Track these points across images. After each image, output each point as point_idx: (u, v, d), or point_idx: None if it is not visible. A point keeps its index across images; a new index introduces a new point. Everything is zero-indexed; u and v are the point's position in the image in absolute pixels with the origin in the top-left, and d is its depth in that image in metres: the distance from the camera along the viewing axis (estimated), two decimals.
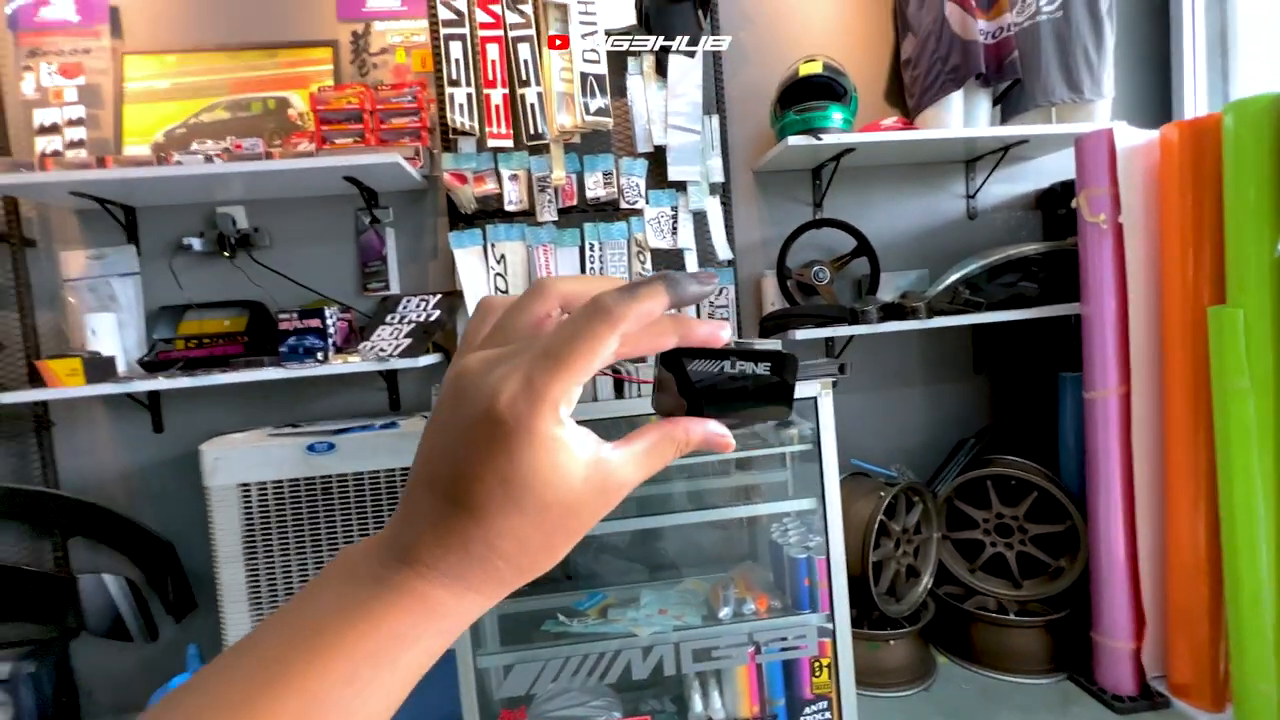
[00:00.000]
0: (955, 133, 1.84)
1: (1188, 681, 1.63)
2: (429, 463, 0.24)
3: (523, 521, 0.24)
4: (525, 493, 0.23)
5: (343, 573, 0.25)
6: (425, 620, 0.24)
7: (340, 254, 1.96)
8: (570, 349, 0.23)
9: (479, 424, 0.23)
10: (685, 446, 0.27)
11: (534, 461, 0.23)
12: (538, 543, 0.24)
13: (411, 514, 0.24)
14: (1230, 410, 1.44)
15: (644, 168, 1.93)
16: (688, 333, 0.27)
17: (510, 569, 0.24)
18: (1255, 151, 1.37)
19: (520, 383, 0.23)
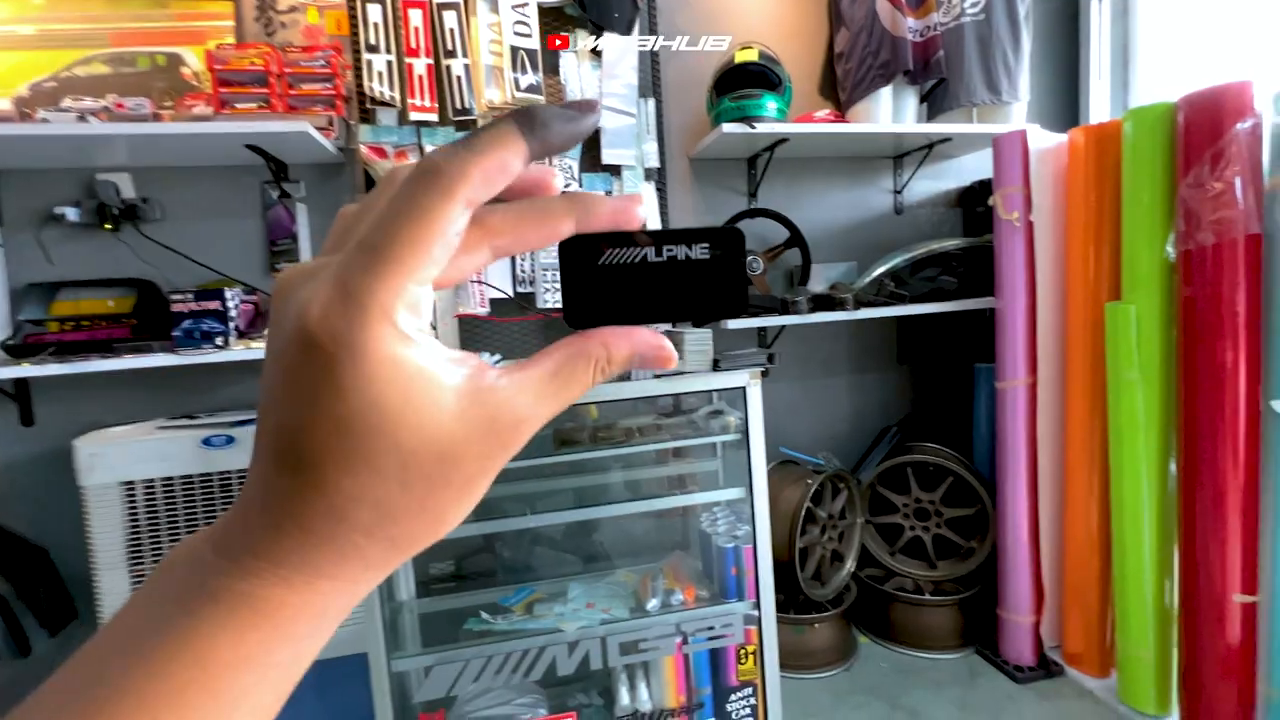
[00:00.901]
0: (884, 127, 1.88)
1: (1079, 650, 1.76)
2: (259, 420, 0.19)
3: (375, 478, 0.18)
4: (369, 438, 0.17)
5: (163, 581, 0.19)
6: (256, 633, 0.18)
7: (245, 230, 1.80)
8: (391, 232, 0.17)
9: (292, 352, 0.17)
10: (607, 365, 0.21)
11: (372, 394, 0.17)
12: (407, 505, 0.19)
13: (245, 494, 0.19)
14: (1122, 400, 1.54)
15: (577, 149, 1.87)
16: (587, 212, 0.20)
17: (375, 544, 0.19)
18: (1150, 156, 1.46)
19: (332, 289, 0.17)
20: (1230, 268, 1.34)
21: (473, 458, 0.19)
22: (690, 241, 0.21)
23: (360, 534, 0.18)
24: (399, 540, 0.19)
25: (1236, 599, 1.39)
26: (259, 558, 0.18)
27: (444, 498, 0.19)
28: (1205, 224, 1.34)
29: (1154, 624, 1.55)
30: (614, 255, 0.21)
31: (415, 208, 0.17)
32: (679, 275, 0.21)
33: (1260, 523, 1.39)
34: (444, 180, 0.18)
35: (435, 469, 0.18)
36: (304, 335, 0.17)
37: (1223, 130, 1.31)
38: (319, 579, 0.19)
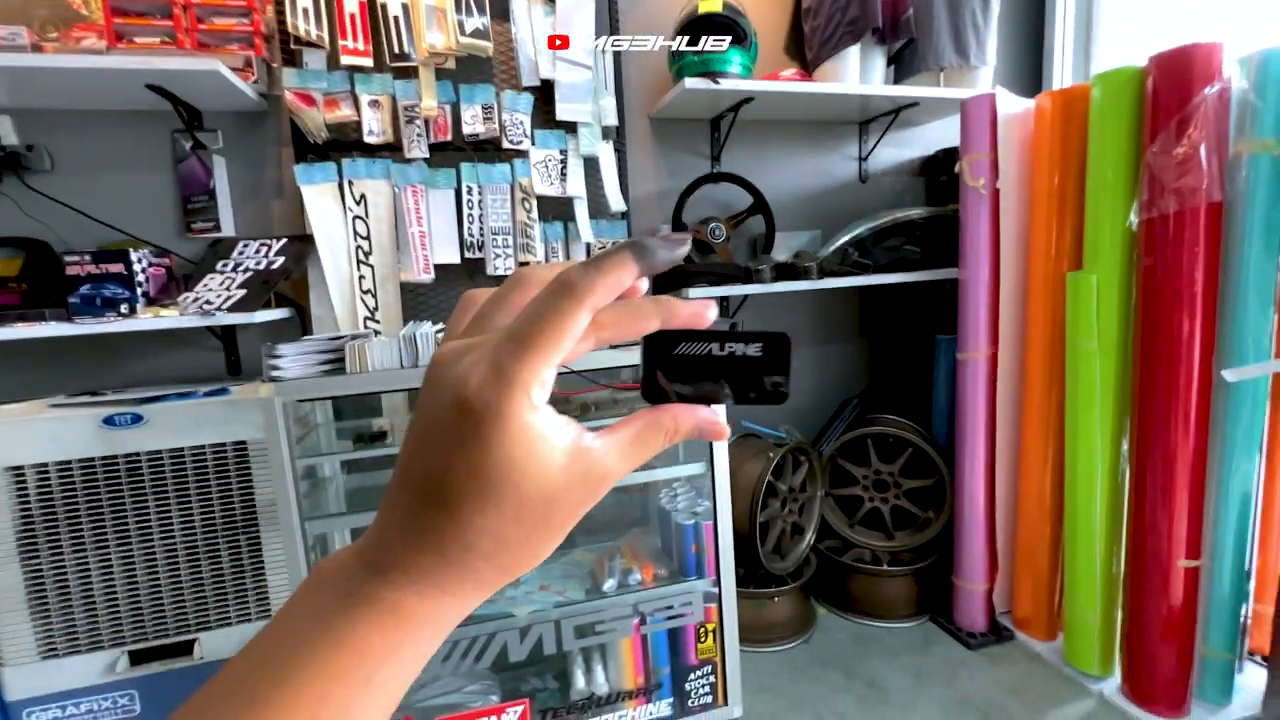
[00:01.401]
0: (851, 88, 1.80)
1: (1028, 615, 1.80)
2: (406, 461, 0.23)
3: (499, 517, 0.22)
4: (500, 485, 0.22)
5: (313, 588, 0.24)
6: (397, 633, 0.23)
7: (153, 185, 1.61)
8: (536, 328, 0.22)
9: (448, 413, 0.22)
10: (674, 435, 0.26)
11: (507, 450, 0.22)
12: (517, 539, 0.23)
13: (387, 518, 0.24)
14: (1080, 371, 1.54)
15: (529, 103, 1.73)
16: (670, 314, 0.25)
17: (491, 568, 0.23)
18: (1117, 121, 1.43)
19: (488, 367, 0.22)
20: (1191, 236, 1.33)
21: (569, 502, 0.23)
22: (748, 342, 0.26)
23: (481, 560, 0.23)
24: (508, 566, 0.23)
25: (1181, 564, 1.42)
26: (401, 573, 0.23)
27: (544, 534, 0.23)
28: (1168, 191, 1.32)
29: (1101, 589, 1.59)
30: (687, 348, 0.26)
31: (555, 311, 0.22)
32: (736, 367, 0.26)
33: (1206, 490, 1.42)
34: (576, 291, 0.22)
35: (542, 510, 0.23)
36: (461, 400, 0.22)
37: (1191, 94, 1.29)
38: (443, 594, 0.23)
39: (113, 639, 1.34)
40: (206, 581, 1.38)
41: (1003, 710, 1.54)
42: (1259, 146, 1.29)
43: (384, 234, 1.68)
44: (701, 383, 0.26)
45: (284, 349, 1.15)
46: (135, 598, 1.34)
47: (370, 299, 1.68)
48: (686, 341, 0.25)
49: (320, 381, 1.16)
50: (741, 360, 0.26)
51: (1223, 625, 1.46)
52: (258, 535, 1.40)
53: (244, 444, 1.36)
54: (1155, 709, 1.48)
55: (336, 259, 1.65)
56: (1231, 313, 1.36)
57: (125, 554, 1.32)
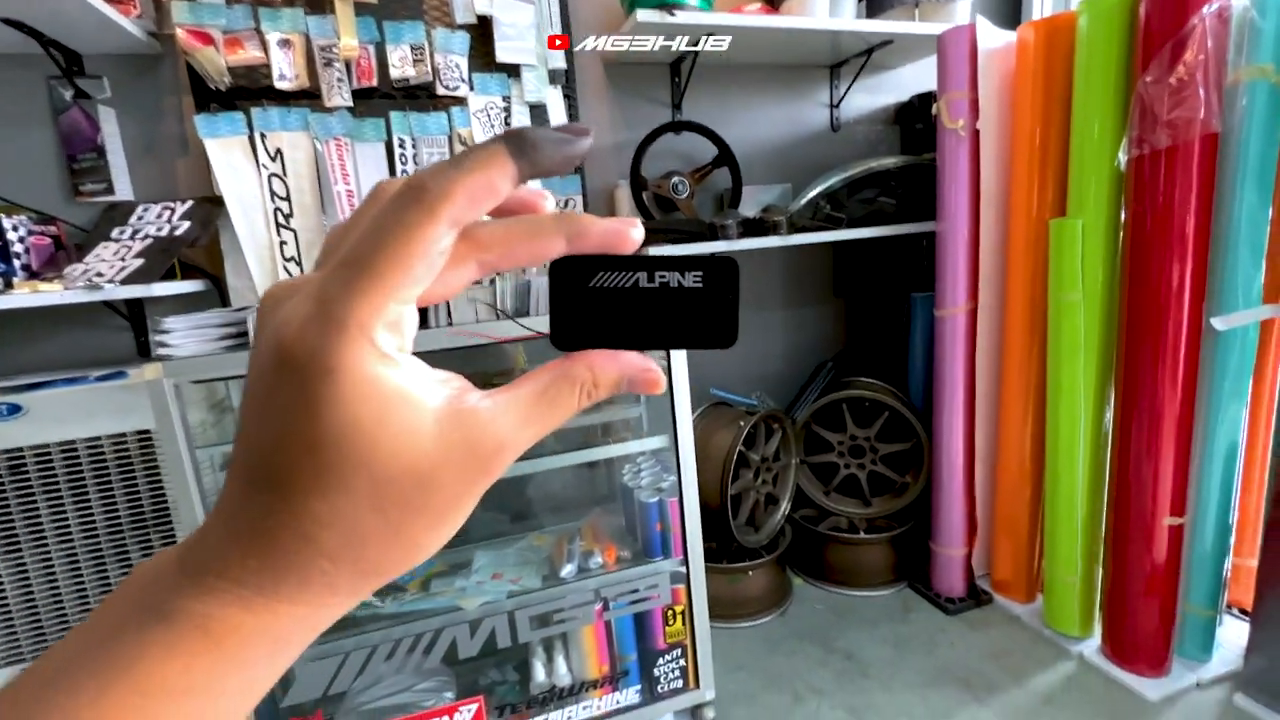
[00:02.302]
0: (821, 23, 1.65)
1: (1007, 578, 1.76)
2: (237, 434, 0.19)
3: (348, 502, 0.17)
4: (342, 460, 0.17)
5: (125, 593, 0.18)
6: (207, 657, 0.17)
7: (29, 142, 1.40)
8: (374, 250, 0.17)
9: (269, 370, 0.17)
10: (593, 390, 0.21)
11: (347, 413, 0.17)
12: (380, 531, 0.18)
13: (216, 509, 0.19)
14: (1063, 322, 1.46)
15: (465, 43, 1.55)
16: (579, 232, 0.20)
17: (343, 570, 0.18)
18: (1105, 51, 1.31)
19: (311, 305, 0.17)
20: (1183, 175, 1.24)
21: (450, 483, 0.19)
22: (684, 269, 0.21)
23: (327, 559, 0.18)
24: (368, 567, 0.19)
25: (1166, 521, 1.37)
26: (220, 576, 0.18)
27: (419, 524, 0.19)
28: (1161, 124, 1.22)
29: (1082, 549, 1.53)
30: (605, 278, 0.21)
31: (398, 225, 0.17)
32: (670, 302, 0.21)
33: (1193, 443, 1.36)
34: (429, 198, 0.17)
35: (412, 493, 0.18)
36: (280, 352, 0.17)
37: (1187, 15, 1.17)
38: (279, 602, 0.18)
39: (7, 657, 1.19)
40: (116, 587, 1.23)
41: (983, 677, 1.49)
42: (1258, 73, 1.19)
43: (306, 193, 1.49)
44: (627, 323, 0.21)
45: (173, 322, 0.99)
46: (33, 610, 1.19)
47: (295, 267, 1.50)
48: (606, 270, 0.21)
49: (220, 359, 1.01)
50: (677, 294, 0.21)
51: (1204, 581, 1.42)
52: (173, 533, 1.25)
53: (147, 433, 1.20)
54: (1136, 668, 1.45)
55: (252, 223, 1.47)
56: (1222, 257, 1.27)
57: (15, 562, 1.17)
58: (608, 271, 0.21)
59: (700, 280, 0.21)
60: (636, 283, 0.21)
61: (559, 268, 0.21)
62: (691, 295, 0.21)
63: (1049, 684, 1.46)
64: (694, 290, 0.21)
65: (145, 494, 1.22)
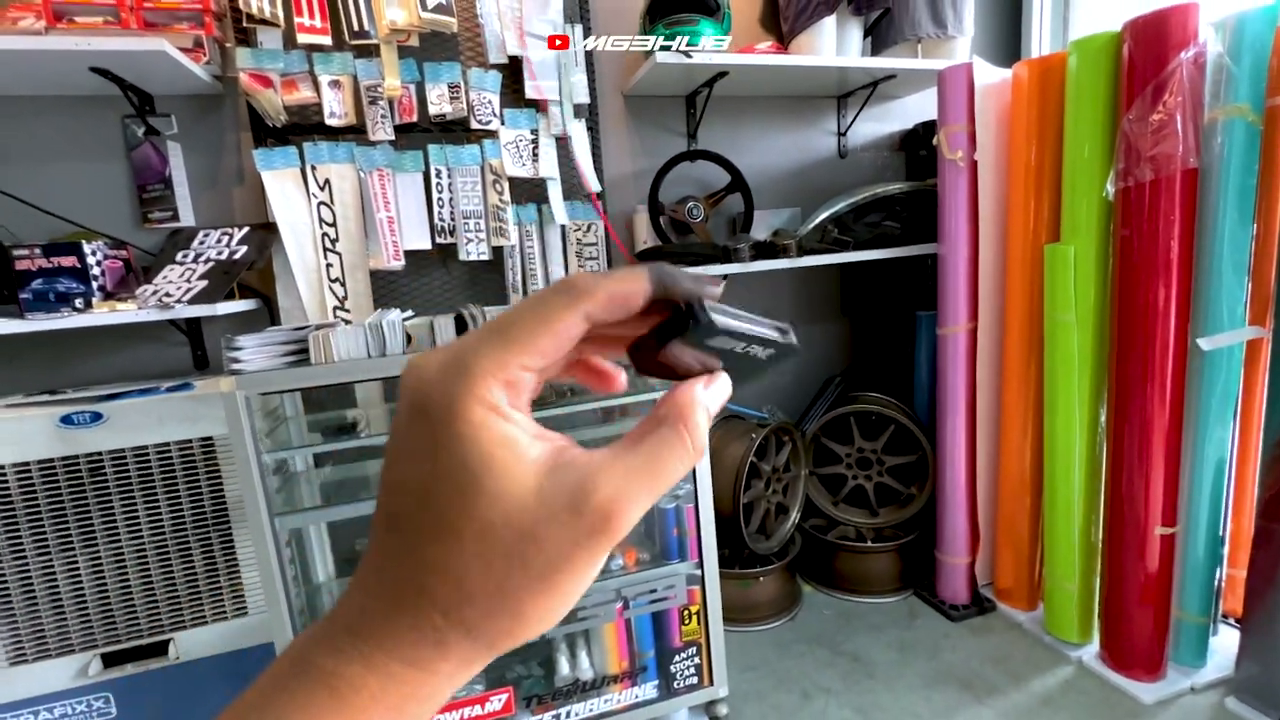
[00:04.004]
0: (829, 60, 1.77)
1: (1009, 586, 1.82)
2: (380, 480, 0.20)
3: (455, 548, 0.18)
4: (452, 502, 0.18)
5: (294, 645, 0.19)
6: (333, 714, 0.17)
7: (106, 174, 1.55)
8: (516, 320, 0.19)
9: (403, 412, 0.19)
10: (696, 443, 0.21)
11: (459, 453, 0.18)
12: (484, 586, 0.18)
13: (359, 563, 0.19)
14: (1058, 342, 1.54)
15: (497, 81, 1.68)
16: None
17: (454, 628, 0.18)
18: (1093, 89, 1.41)
19: (448, 355, 0.19)
20: (1166, 204, 1.32)
21: (554, 541, 0.18)
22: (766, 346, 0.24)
23: (439, 612, 0.18)
24: (476, 628, 0.18)
25: (1158, 531, 1.44)
26: (348, 631, 0.18)
27: (521, 583, 0.18)
28: (1144, 159, 1.31)
29: (1080, 558, 1.60)
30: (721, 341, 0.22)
31: (542, 305, 0.19)
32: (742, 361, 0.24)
33: (1181, 457, 1.43)
34: (575, 291, 0.20)
35: (514, 546, 0.18)
36: (414, 393, 0.19)
37: (1166, 59, 1.27)
38: (394, 661, 0.18)
39: (84, 642, 1.31)
40: (179, 581, 1.35)
41: (984, 680, 1.56)
42: (1234, 112, 1.28)
43: (351, 220, 1.62)
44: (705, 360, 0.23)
45: (244, 340, 1.11)
46: (105, 600, 1.31)
47: (339, 288, 1.63)
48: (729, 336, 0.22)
49: (284, 373, 1.13)
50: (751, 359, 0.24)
51: (1197, 590, 1.48)
52: (230, 532, 1.37)
53: (210, 440, 1.32)
54: (1132, 673, 1.51)
55: (302, 247, 1.60)
56: (1206, 281, 1.36)
57: (92, 556, 1.29)
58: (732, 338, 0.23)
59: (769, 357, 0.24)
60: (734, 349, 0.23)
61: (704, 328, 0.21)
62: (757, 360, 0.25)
63: (1048, 687, 1.53)
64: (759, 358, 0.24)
65: (207, 495, 1.34)
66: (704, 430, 0.21)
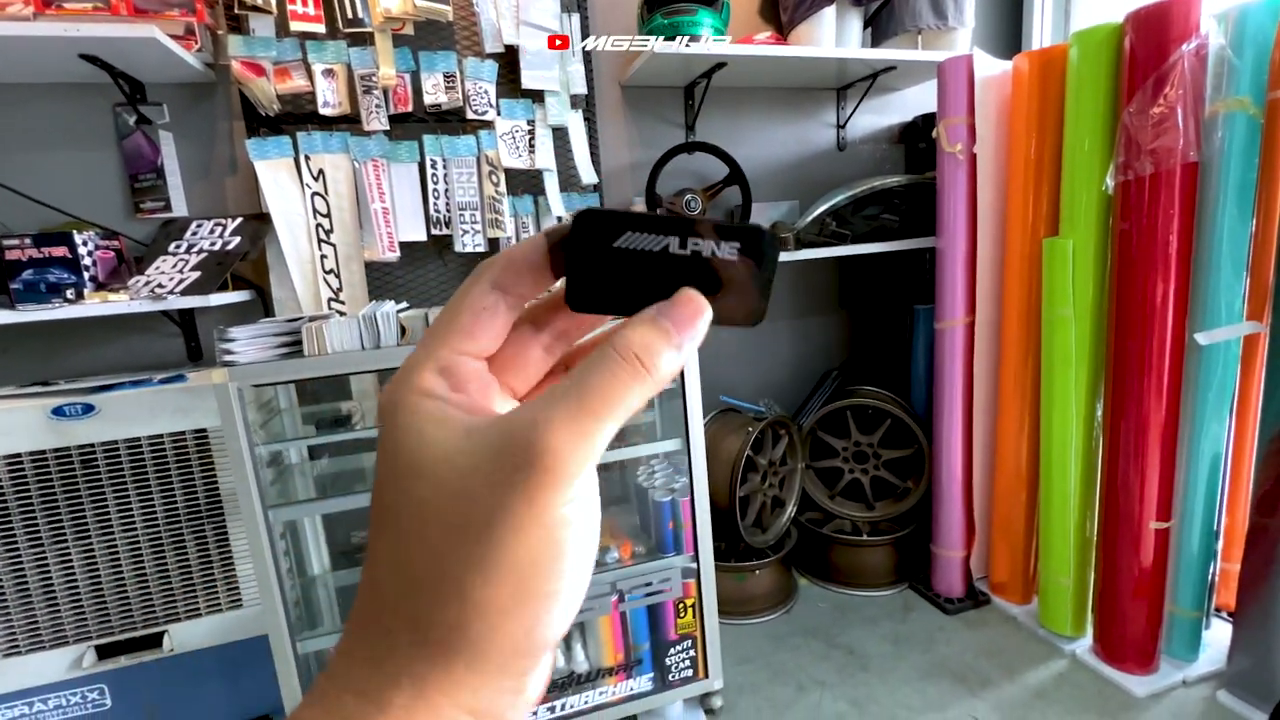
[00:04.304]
0: (828, 52, 1.75)
1: (1004, 580, 1.83)
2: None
3: (397, 534, 0.17)
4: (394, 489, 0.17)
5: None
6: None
7: (97, 163, 1.53)
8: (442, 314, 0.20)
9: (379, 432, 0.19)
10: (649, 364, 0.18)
11: (396, 444, 0.18)
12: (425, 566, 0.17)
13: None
14: (1055, 336, 1.54)
15: (493, 71, 1.66)
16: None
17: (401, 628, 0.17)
18: (1094, 82, 1.40)
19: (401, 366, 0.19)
20: (1166, 199, 1.32)
21: (484, 494, 0.16)
22: (720, 238, 0.19)
23: (389, 611, 0.17)
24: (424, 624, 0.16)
25: (1152, 525, 1.44)
26: (338, 652, 0.18)
27: (462, 554, 0.16)
28: (1144, 152, 1.30)
29: (1074, 552, 1.61)
30: (633, 239, 0.19)
31: (458, 292, 0.20)
32: (700, 272, 0.19)
33: (1177, 452, 1.43)
34: (478, 269, 0.20)
35: (448, 513, 0.17)
36: (379, 409, 0.20)
37: (1168, 52, 1.26)
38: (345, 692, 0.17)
39: (78, 634, 1.31)
40: (173, 573, 1.34)
41: (978, 673, 1.57)
42: (1235, 105, 1.27)
43: (345, 211, 1.61)
44: (651, 289, 0.19)
45: (236, 332, 1.10)
46: (99, 592, 1.30)
47: (334, 279, 1.62)
48: (635, 230, 0.18)
49: (277, 365, 1.12)
50: (709, 263, 0.19)
51: (1191, 584, 1.49)
52: (224, 524, 1.36)
53: (204, 431, 1.32)
54: (1125, 666, 1.52)
55: (296, 238, 1.58)
56: (1205, 276, 1.35)
57: (85, 548, 1.28)
58: (637, 231, 0.19)
59: (736, 252, 0.19)
60: (667, 247, 0.19)
61: (582, 220, 0.19)
62: (724, 267, 0.19)
63: (1041, 680, 1.54)
64: (727, 262, 0.19)
65: (201, 488, 1.33)
66: (661, 354, 0.18)
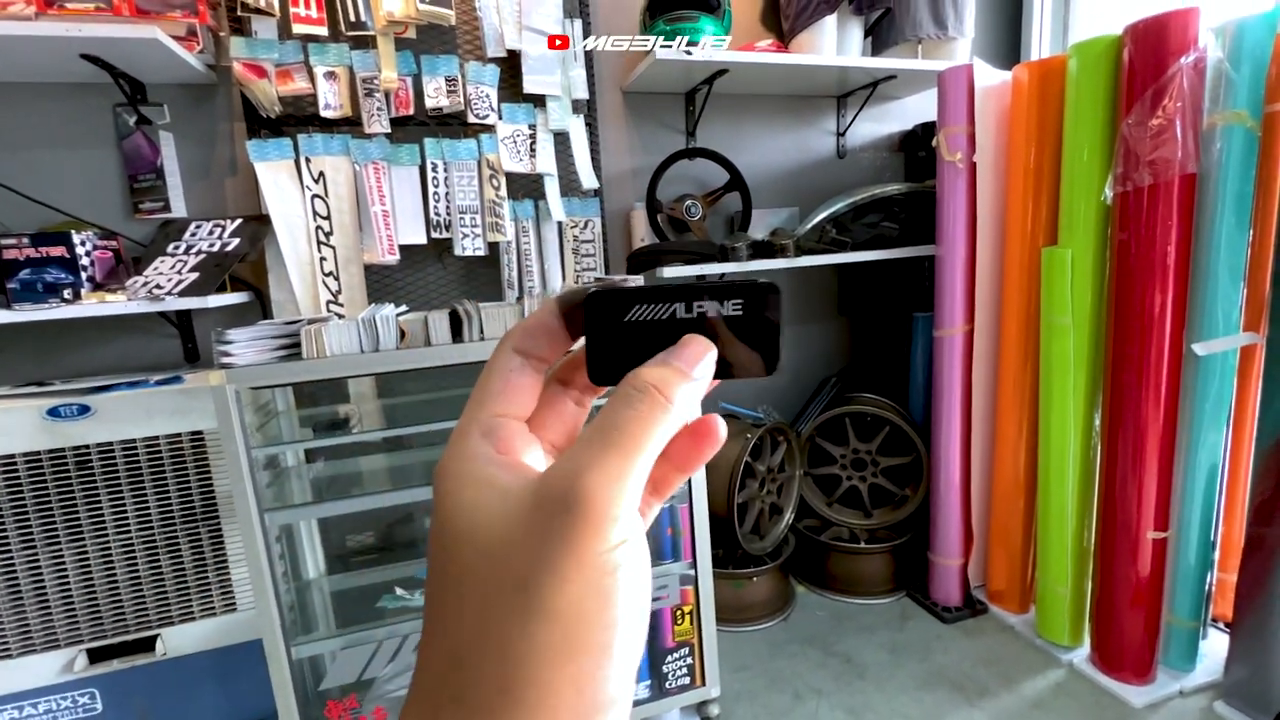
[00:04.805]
0: (829, 60, 1.76)
1: (1002, 589, 1.82)
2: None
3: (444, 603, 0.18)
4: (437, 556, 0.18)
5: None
6: None
7: (96, 163, 1.52)
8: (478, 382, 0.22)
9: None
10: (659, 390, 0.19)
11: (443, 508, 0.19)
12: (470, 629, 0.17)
13: None
14: (1054, 345, 1.54)
15: (495, 75, 1.66)
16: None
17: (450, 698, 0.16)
18: (1092, 93, 1.41)
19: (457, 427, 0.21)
20: (1164, 210, 1.32)
21: (524, 547, 0.17)
22: (722, 297, 0.20)
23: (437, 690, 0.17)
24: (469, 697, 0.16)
25: (1150, 535, 1.44)
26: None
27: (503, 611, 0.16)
28: (1143, 163, 1.31)
29: (1072, 561, 1.61)
30: (642, 311, 0.20)
31: (488, 362, 0.22)
32: (708, 332, 0.20)
33: (1175, 462, 1.43)
34: (503, 337, 0.22)
35: (490, 574, 0.17)
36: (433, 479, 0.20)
37: (1166, 64, 1.27)
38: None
39: (69, 637, 1.29)
40: (167, 576, 1.33)
41: (975, 682, 1.56)
42: (1233, 118, 1.28)
43: (345, 213, 1.61)
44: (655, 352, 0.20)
45: (234, 334, 1.09)
46: (92, 594, 1.29)
47: (333, 282, 1.61)
48: (642, 303, 0.20)
49: (275, 368, 1.11)
50: (715, 323, 0.20)
51: (1188, 594, 1.49)
52: (219, 527, 1.35)
53: (200, 434, 1.31)
54: (1123, 676, 1.51)
55: (295, 240, 1.58)
56: (1202, 286, 1.36)
57: (79, 550, 1.27)
58: (644, 304, 0.20)
59: (740, 308, 0.20)
60: (674, 313, 0.20)
61: (594, 301, 0.20)
62: (731, 323, 0.20)
63: (1039, 690, 1.53)
64: (733, 318, 0.20)
65: (196, 490, 1.32)
66: (675, 384, 0.19)
